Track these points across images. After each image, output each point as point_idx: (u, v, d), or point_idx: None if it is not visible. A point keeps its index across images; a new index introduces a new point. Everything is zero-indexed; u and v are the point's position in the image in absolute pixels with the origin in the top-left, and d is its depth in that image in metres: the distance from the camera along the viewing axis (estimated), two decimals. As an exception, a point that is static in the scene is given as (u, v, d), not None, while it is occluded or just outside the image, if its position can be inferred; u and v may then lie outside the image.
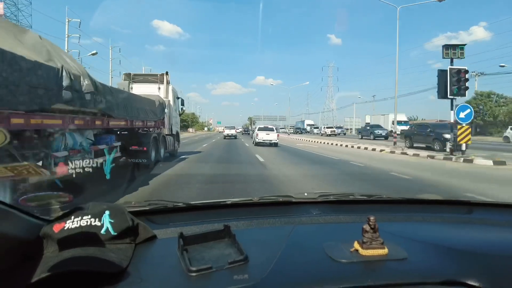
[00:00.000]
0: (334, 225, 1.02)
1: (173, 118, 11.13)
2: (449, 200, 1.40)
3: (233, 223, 0.92)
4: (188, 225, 0.96)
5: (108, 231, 0.80)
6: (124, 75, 11.22)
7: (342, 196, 1.29)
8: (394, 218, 1.08)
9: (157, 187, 5.00)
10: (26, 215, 0.81)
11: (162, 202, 1.11)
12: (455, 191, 4.95)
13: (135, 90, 9.55)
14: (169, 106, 10.39)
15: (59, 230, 0.80)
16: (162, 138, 8.89)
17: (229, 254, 0.75)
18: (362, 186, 5.46)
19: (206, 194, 4.38)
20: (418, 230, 0.98)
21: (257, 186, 5.27)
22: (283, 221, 1.02)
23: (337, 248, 0.79)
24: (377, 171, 7.41)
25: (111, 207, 0.85)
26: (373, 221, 0.77)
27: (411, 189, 5.13)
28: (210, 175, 6.32)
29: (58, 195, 1.04)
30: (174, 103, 11.61)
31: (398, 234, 0.89)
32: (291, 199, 1.23)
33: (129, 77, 11.05)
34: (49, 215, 0.89)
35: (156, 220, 0.99)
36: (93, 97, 4.17)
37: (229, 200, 1.16)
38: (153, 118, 8.06)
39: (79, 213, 0.82)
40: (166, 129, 10.36)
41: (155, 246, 0.84)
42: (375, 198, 1.29)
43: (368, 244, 0.77)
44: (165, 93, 10.65)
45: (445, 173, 7.21)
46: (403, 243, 0.81)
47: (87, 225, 0.80)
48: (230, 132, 33.66)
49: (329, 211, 1.13)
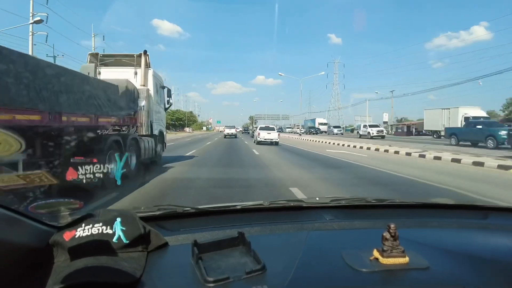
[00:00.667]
0: (349, 231, 1.05)
1: (155, 114, 9.15)
2: (464, 205, 1.43)
3: (245, 229, 0.94)
4: (199, 231, 0.98)
5: (120, 239, 0.81)
6: (89, 56, 9.06)
7: (354, 200, 1.33)
8: (410, 223, 1.11)
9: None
10: (35, 222, 0.83)
11: (171, 207, 1.15)
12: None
13: (105, 75, 7.87)
14: (148, 97, 8.52)
15: (70, 239, 0.81)
16: (132, 142, 6.92)
17: (245, 263, 0.76)
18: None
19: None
20: (437, 237, 0.99)
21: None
22: (296, 226, 1.06)
23: (356, 256, 0.80)
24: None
25: (122, 214, 0.85)
26: (393, 228, 0.78)
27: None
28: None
29: (68, 202, 1.01)
30: (157, 94, 9.53)
31: (416, 240, 0.90)
32: (302, 204, 1.27)
33: (96, 58, 8.90)
34: (58, 221, 0.89)
35: (166, 225, 1.03)
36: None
37: (239, 205, 1.20)
38: (115, 112, 6.07)
39: (90, 221, 0.83)
40: (144, 128, 8.34)
41: (168, 253, 0.86)
42: (388, 202, 1.32)
43: (389, 252, 0.77)
44: (142, 79, 8.53)
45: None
46: (423, 251, 0.82)
47: (98, 233, 0.81)
48: (230, 131, 35.86)
49: (342, 216, 1.16)
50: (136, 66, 8.24)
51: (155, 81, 8.67)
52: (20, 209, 0.80)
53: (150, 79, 8.20)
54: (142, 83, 8.04)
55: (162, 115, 9.52)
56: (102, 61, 8.32)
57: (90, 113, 4.91)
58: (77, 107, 4.55)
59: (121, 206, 3.97)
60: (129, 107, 6.62)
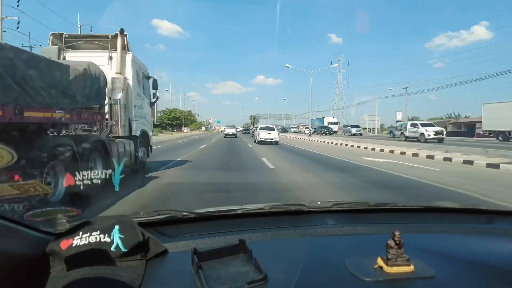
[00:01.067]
0: (352, 237, 1.10)
1: (136, 110, 7.37)
2: (467, 209, 1.48)
3: (246, 235, 1.00)
4: (199, 238, 1.03)
5: (118, 247, 0.84)
6: (51, 37, 7.07)
7: (357, 204, 1.38)
8: (412, 228, 1.17)
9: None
10: (31, 229, 0.86)
11: (171, 212, 1.20)
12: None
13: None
14: (127, 88, 6.70)
15: (66, 247, 0.83)
16: (96, 147, 5.26)
17: (246, 272, 0.80)
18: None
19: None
20: (441, 243, 1.03)
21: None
22: (298, 232, 1.10)
23: (360, 264, 0.83)
24: None
25: (121, 221, 0.89)
26: (398, 236, 0.81)
27: None
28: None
29: (65, 209, 1.02)
30: (139, 85, 7.79)
31: (420, 247, 0.94)
32: (303, 208, 1.31)
33: (59, 40, 6.96)
34: (56, 228, 0.91)
35: (166, 231, 1.09)
36: None
37: (240, 209, 1.26)
38: (64, 104, 4.31)
39: (87, 228, 0.87)
40: (120, 128, 6.56)
41: (167, 261, 0.90)
42: (391, 206, 1.38)
43: (393, 260, 0.80)
44: (119, 65, 6.71)
45: None
46: (428, 259, 0.86)
47: (96, 241, 0.84)
48: (230, 131, 36.77)
49: (344, 221, 1.22)
50: (112, 50, 7.02)
51: (136, 68, 7.08)
52: (14, 217, 0.83)
53: (128, 65, 6.60)
54: (118, 70, 6.98)
55: (147, 112, 7.88)
56: (68, 43, 6.58)
57: (15, 103, 3.17)
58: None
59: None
60: (90, 98, 4.89)
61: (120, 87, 6.59)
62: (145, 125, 8.17)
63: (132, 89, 7.08)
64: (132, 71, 7.10)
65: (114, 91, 6.66)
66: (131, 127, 7.01)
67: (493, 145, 17.72)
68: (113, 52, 6.87)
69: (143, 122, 8.03)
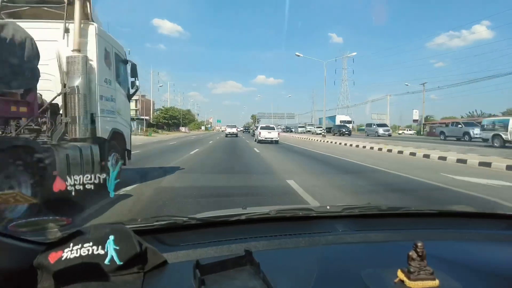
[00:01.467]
0: (366, 245, 1.04)
1: (103, 102, 5.41)
2: (485, 213, 1.41)
3: (251, 243, 0.97)
4: (202, 247, 0.97)
5: (113, 260, 0.77)
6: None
7: (367, 209, 1.34)
8: (430, 235, 1.11)
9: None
10: (17, 240, 0.81)
11: (171, 218, 1.14)
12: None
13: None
14: (88, 71, 4.93)
15: (55, 261, 0.76)
16: (24, 156, 3.48)
17: (254, 287, 0.74)
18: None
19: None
20: (464, 252, 0.98)
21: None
22: (307, 240, 1.05)
23: (379, 278, 0.78)
24: None
25: (116, 230, 0.83)
26: (421, 247, 0.76)
27: None
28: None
29: (54, 219, 0.90)
30: (109, 68, 5.74)
31: (441, 257, 0.88)
32: (311, 213, 1.26)
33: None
34: (46, 237, 0.85)
35: (165, 239, 1.04)
36: None
37: (244, 214, 1.20)
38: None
39: (79, 239, 0.82)
40: (78, 126, 4.78)
41: (167, 274, 0.84)
42: (403, 211, 1.33)
43: (416, 274, 0.73)
44: (77, 40, 4.95)
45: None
46: (452, 271, 0.80)
47: (88, 254, 0.77)
48: (231, 130, 37.48)
49: (355, 227, 1.18)
50: (69, 20, 5.18)
51: (104, 46, 5.46)
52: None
53: (92, 40, 4.99)
54: (76, 46, 5.14)
55: (122, 106, 6.16)
56: (7, 10, 4.57)
57: None
58: None
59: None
60: (3, 79, 2.96)
61: (78, 70, 5.11)
62: (118, 123, 6.47)
63: (98, 73, 5.60)
64: (97, 48, 5.60)
65: (70, 76, 4.94)
66: (95, 125, 5.42)
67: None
68: (70, 23, 5.27)
69: (116, 119, 6.35)
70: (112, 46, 6.26)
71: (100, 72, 5.53)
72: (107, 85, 5.84)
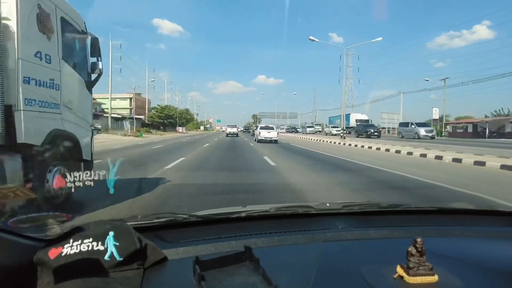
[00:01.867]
0: (365, 242, 1.06)
1: (32, 88, 3.31)
2: (484, 210, 1.43)
3: (251, 240, 0.99)
4: (202, 243, 0.99)
5: (113, 256, 0.79)
6: None
7: (367, 206, 1.35)
8: (429, 232, 1.12)
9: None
10: (17, 237, 0.84)
11: (171, 215, 1.16)
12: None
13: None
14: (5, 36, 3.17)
15: (55, 257, 0.79)
16: None
17: (254, 283, 0.76)
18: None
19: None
20: (463, 249, 1.00)
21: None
22: (306, 237, 1.07)
23: (378, 274, 0.81)
24: None
25: (116, 227, 0.86)
26: (420, 243, 0.79)
27: None
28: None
29: (54, 215, 0.94)
30: (47, 37, 3.55)
31: (440, 253, 0.91)
32: (311, 210, 1.27)
33: None
34: (46, 233, 0.87)
35: (165, 236, 1.07)
36: None
37: (244, 211, 1.23)
38: None
39: (79, 236, 0.84)
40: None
41: (167, 270, 0.87)
42: (403, 208, 1.36)
43: (415, 270, 0.77)
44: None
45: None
46: (452, 267, 0.83)
47: (88, 250, 0.80)
48: (232, 130, 38.29)
49: (355, 224, 1.21)
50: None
51: (37, 1, 3.94)
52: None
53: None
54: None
55: (75, 96, 4.14)
56: None
57: None
58: None
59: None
60: None
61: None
62: (67, 122, 4.39)
63: (21, 42, 3.50)
64: (18, 3, 3.45)
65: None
66: (13, 125, 3.35)
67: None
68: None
69: (61, 117, 4.27)
70: (55, 6, 4.23)
71: (25, 39, 3.57)
72: (41, 62, 3.83)
